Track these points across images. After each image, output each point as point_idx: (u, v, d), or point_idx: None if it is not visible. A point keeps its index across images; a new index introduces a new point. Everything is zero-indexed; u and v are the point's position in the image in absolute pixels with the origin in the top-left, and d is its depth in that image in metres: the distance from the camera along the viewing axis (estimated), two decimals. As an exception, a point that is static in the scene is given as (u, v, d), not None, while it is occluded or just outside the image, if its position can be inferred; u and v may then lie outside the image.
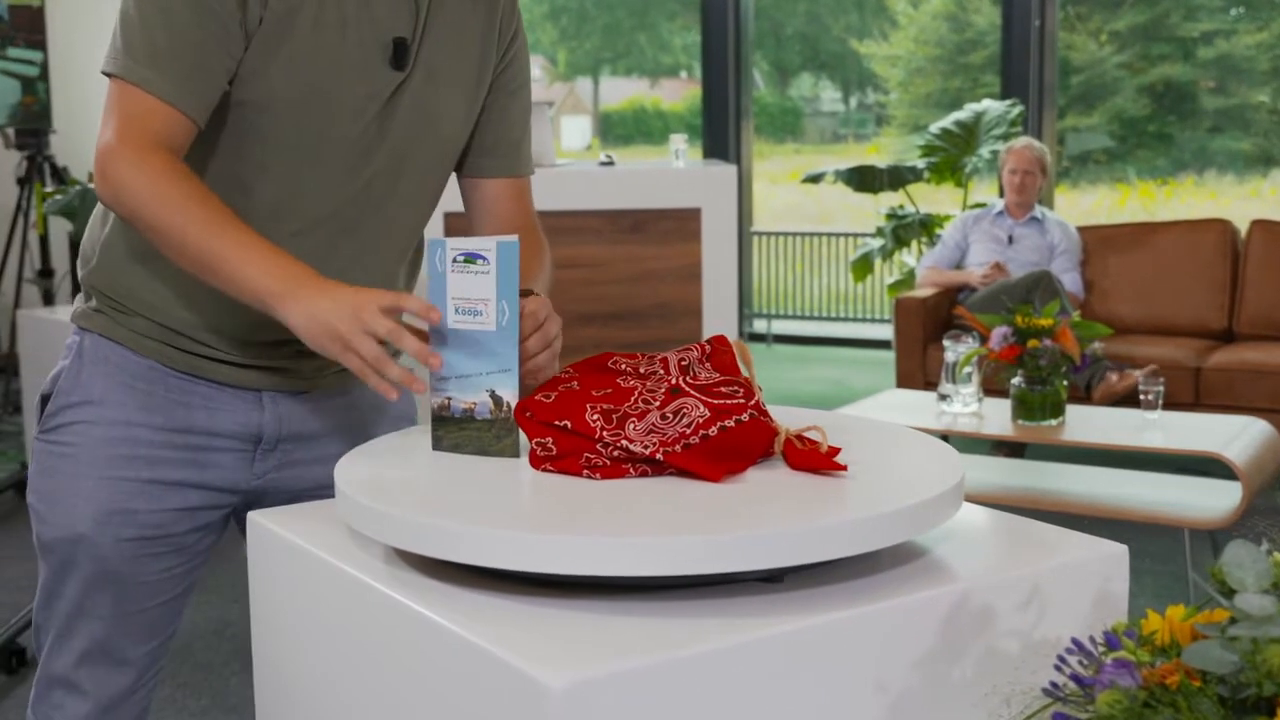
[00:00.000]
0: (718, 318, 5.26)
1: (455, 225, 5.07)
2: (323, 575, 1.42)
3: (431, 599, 1.27)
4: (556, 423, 1.41)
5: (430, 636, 1.23)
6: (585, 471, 1.38)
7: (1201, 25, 9.40)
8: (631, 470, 1.38)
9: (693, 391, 1.43)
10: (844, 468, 1.38)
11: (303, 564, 1.46)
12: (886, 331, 8.29)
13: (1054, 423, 3.86)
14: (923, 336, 5.29)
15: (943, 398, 4.01)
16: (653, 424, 1.39)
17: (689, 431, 1.38)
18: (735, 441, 1.38)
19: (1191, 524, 3.53)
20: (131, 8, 1.52)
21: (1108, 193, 10.14)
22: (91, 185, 4.01)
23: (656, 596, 1.26)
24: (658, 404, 1.42)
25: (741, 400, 1.41)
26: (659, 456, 1.36)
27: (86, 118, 7.02)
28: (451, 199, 1.85)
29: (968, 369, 3.94)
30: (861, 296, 9.18)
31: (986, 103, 6.65)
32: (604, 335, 5.18)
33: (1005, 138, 6.26)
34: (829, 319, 9.38)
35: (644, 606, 1.24)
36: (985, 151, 6.34)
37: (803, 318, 9.45)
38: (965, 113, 6.64)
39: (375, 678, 1.33)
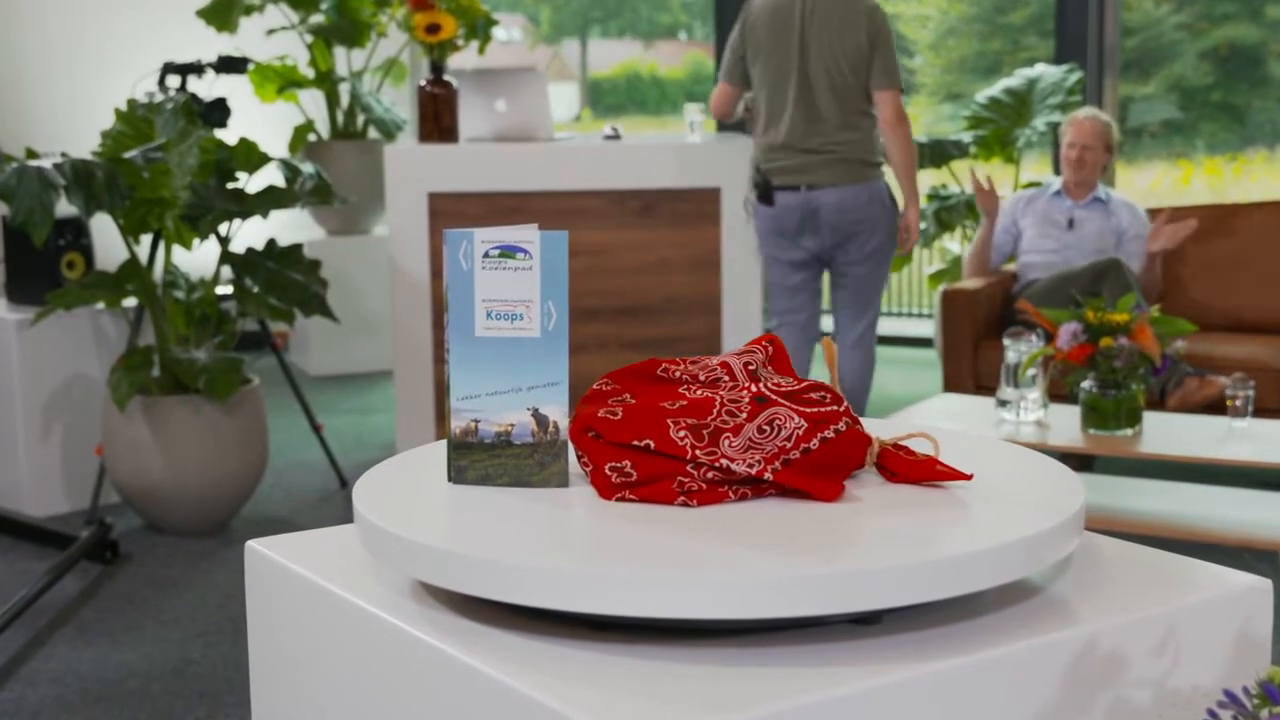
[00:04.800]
0: (740, 312, 5.22)
1: (440, 206, 5.02)
2: (338, 613, 1.38)
3: (474, 645, 1.23)
4: (636, 443, 1.38)
5: (476, 688, 1.20)
6: (680, 499, 1.35)
7: (1270, -20, 9.37)
8: (730, 494, 1.35)
9: (781, 400, 1.40)
10: (969, 476, 1.36)
11: (313, 600, 1.43)
12: (926, 327, 8.26)
13: (1129, 432, 3.83)
14: (973, 334, 5.25)
15: (1002, 404, 3.98)
16: (750, 439, 1.36)
17: (789, 446, 1.35)
18: (835, 454, 1.36)
19: (1291, 548, 3.51)
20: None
21: (1167, 169, 10.10)
22: (31, 162, 3.98)
23: (735, 641, 1.23)
24: (745, 415, 1.39)
25: (834, 408, 1.38)
26: (767, 476, 1.33)
27: (20, 87, 6.97)
28: (443, 184, 1.81)
29: (1031, 371, 3.91)
30: (896, 288, 9.15)
31: (1040, 68, 6.62)
32: (609, 333, 5.13)
33: (1063, 108, 6.23)
34: (857, 313, 9.33)
35: (721, 653, 1.21)
36: (1040, 123, 6.31)
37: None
38: (1016, 79, 6.61)
39: (404, 735, 1.30)
